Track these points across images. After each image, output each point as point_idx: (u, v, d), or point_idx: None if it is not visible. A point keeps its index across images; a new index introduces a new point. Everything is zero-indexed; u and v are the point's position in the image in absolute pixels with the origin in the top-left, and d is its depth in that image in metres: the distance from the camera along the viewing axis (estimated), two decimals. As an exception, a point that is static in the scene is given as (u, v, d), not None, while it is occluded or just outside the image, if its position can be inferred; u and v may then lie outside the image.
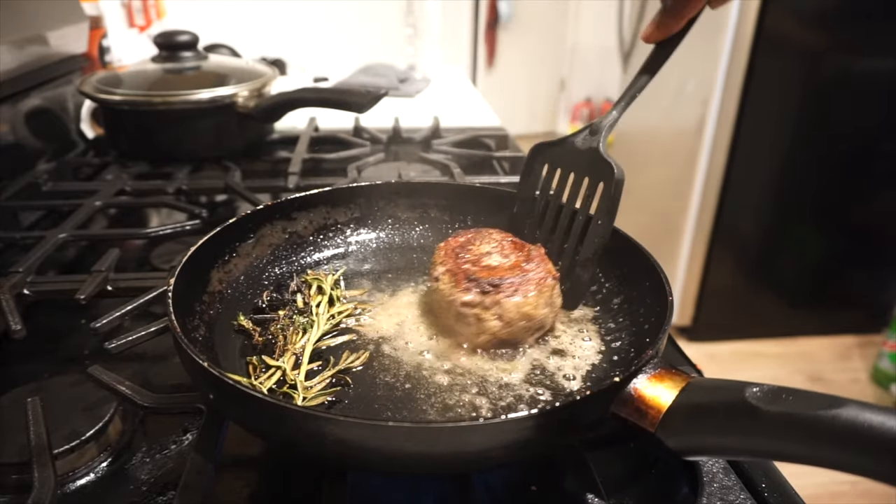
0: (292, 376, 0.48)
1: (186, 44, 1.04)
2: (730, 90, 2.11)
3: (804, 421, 0.30)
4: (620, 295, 0.57)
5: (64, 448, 0.44)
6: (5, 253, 0.74)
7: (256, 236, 0.62)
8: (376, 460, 0.36)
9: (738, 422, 0.33)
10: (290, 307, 0.56)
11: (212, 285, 0.55)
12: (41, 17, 1.00)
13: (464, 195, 0.70)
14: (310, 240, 0.66)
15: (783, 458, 0.32)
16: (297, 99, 0.97)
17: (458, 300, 0.51)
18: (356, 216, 0.69)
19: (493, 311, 0.50)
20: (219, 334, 0.52)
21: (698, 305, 2.43)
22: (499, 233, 0.58)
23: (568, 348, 0.53)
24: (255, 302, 0.58)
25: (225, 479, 0.45)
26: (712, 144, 2.21)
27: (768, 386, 0.33)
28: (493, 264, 0.54)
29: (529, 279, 0.51)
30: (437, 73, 1.73)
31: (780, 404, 0.31)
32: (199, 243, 0.53)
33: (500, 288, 0.50)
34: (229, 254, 0.59)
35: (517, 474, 0.47)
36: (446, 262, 0.55)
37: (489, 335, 0.50)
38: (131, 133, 1.00)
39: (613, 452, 0.48)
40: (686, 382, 0.37)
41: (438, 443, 0.35)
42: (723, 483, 0.42)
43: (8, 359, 0.59)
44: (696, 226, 2.34)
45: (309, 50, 2.44)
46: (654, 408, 0.37)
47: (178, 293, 0.46)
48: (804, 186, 2.25)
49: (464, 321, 0.51)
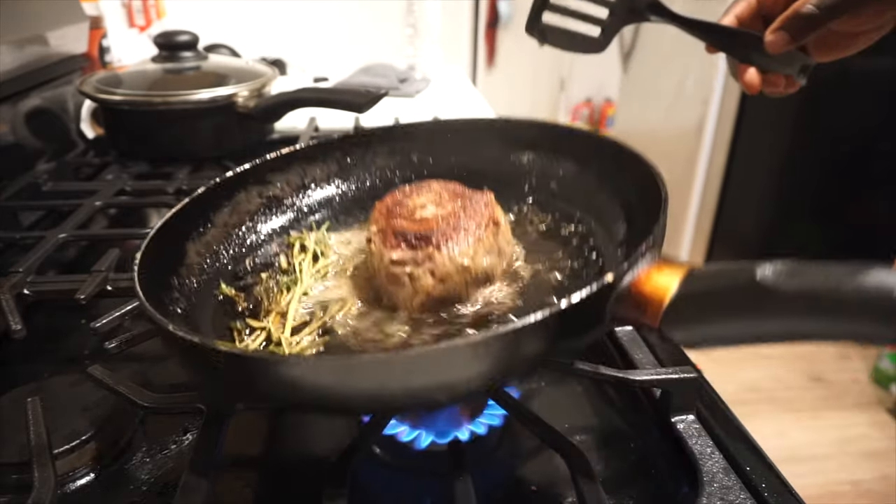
0: (277, 334, 0.47)
1: (186, 44, 1.04)
2: (730, 90, 2.11)
3: (825, 293, 0.28)
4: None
5: (64, 448, 0.44)
6: (5, 253, 0.74)
7: (231, 204, 0.59)
8: (366, 400, 0.34)
9: (751, 303, 0.30)
10: (274, 268, 0.55)
11: (189, 258, 0.53)
12: (41, 17, 1.00)
13: (440, 132, 0.67)
14: (288, 201, 0.64)
15: (803, 337, 0.30)
16: (297, 99, 0.97)
17: (387, 259, 0.46)
18: (334, 170, 0.66)
19: (425, 267, 0.45)
20: (202, 306, 0.50)
21: (698, 305, 2.43)
22: (441, 183, 0.53)
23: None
24: (237, 269, 0.56)
25: (225, 479, 0.45)
26: (712, 144, 2.21)
27: (780, 263, 0.30)
28: (426, 216, 0.48)
29: (463, 226, 0.46)
30: (437, 73, 1.73)
31: (796, 279, 0.29)
32: (166, 216, 0.51)
33: (429, 240, 0.45)
34: (203, 224, 0.56)
35: (517, 474, 0.47)
36: (378, 220, 0.50)
37: (424, 294, 0.45)
38: (131, 133, 1.00)
39: (613, 452, 0.48)
40: (687, 270, 0.35)
41: (444, 367, 0.32)
42: (723, 483, 0.42)
43: (8, 359, 0.59)
44: (696, 225, 2.34)
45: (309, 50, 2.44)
46: (655, 301, 0.34)
47: (147, 267, 0.44)
48: (804, 186, 2.26)
49: (397, 282, 0.46)
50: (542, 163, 0.63)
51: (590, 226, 0.55)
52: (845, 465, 1.83)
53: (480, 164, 0.65)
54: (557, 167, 0.61)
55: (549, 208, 0.60)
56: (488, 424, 0.48)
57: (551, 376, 0.56)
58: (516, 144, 0.64)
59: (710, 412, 0.49)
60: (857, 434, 1.95)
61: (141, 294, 0.40)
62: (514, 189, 0.62)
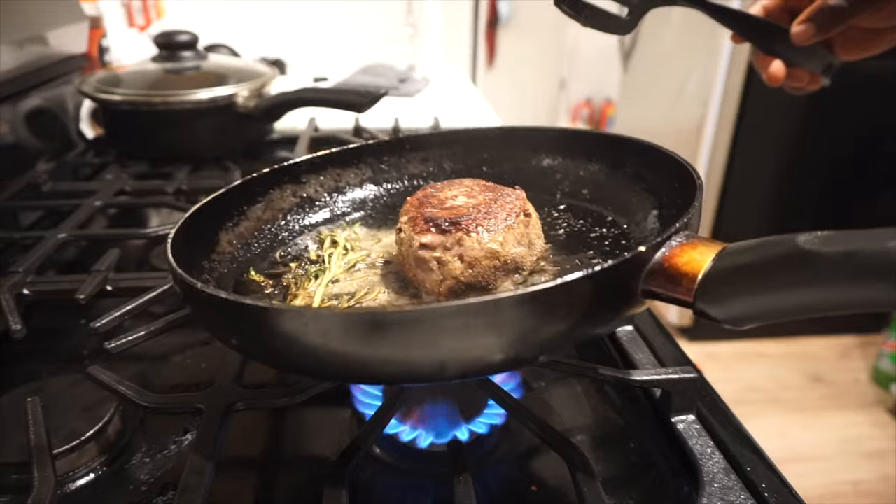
0: None
1: (186, 44, 1.04)
2: (730, 90, 2.11)
3: (871, 255, 0.27)
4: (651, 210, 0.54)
5: (64, 448, 0.44)
6: (5, 253, 0.74)
7: (265, 200, 0.61)
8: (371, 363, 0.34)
9: (790, 273, 0.30)
10: (303, 259, 0.56)
11: (221, 246, 0.55)
12: (41, 17, 1.00)
13: (474, 140, 0.68)
14: (322, 201, 0.65)
15: (846, 307, 0.29)
16: (297, 99, 0.97)
17: (416, 244, 0.46)
18: (368, 175, 0.67)
19: (454, 252, 0.45)
20: (227, 288, 0.51)
21: (698, 305, 2.42)
22: (472, 180, 0.54)
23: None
24: (266, 259, 0.58)
25: (225, 479, 0.45)
26: (712, 145, 2.21)
27: (820, 231, 0.30)
28: (457, 205, 0.48)
29: (495, 213, 0.46)
30: (437, 73, 1.73)
31: (841, 244, 0.28)
32: (202, 202, 0.52)
33: (459, 225, 0.45)
34: (238, 216, 0.58)
35: (517, 474, 0.47)
36: (409, 210, 0.50)
37: (452, 279, 0.45)
38: (131, 133, 1.00)
39: (613, 452, 0.48)
40: (722, 247, 0.34)
41: (474, 320, 0.32)
42: (723, 483, 0.42)
43: (8, 359, 0.59)
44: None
45: (309, 50, 2.44)
46: (688, 274, 0.33)
47: (180, 245, 0.45)
48: (805, 187, 2.25)
49: (425, 267, 0.46)
50: (574, 168, 0.63)
51: (623, 227, 0.55)
52: (846, 465, 1.83)
53: (513, 172, 0.66)
54: (588, 172, 0.62)
55: (580, 212, 0.60)
56: (489, 424, 0.48)
57: (551, 376, 0.56)
58: (549, 151, 0.65)
59: (710, 412, 0.49)
60: (857, 434, 1.95)
61: (173, 261, 0.41)
62: (546, 194, 0.63)
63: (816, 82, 0.66)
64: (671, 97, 2.40)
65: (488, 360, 0.35)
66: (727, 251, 0.34)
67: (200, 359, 0.59)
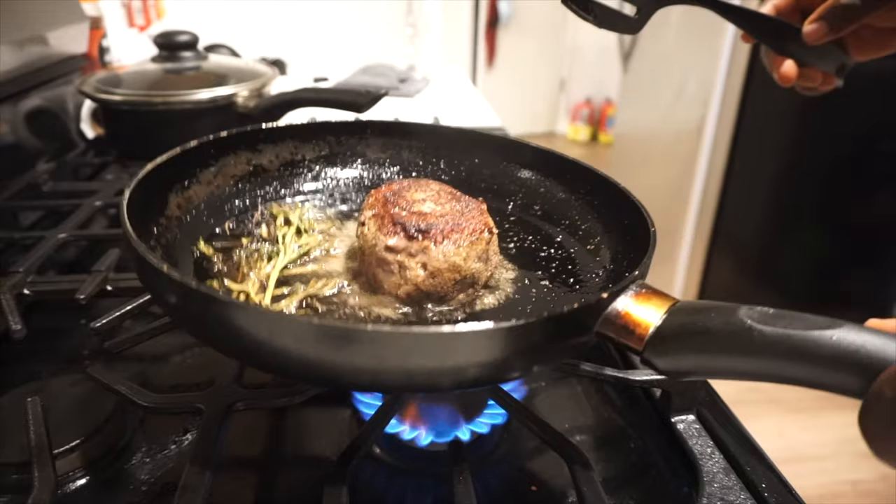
0: (257, 300, 0.46)
1: (186, 44, 1.04)
2: (730, 90, 2.11)
3: (799, 341, 0.30)
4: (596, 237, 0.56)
5: (64, 448, 0.44)
6: (5, 253, 0.74)
7: (218, 165, 0.60)
8: (346, 374, 0.35)
9: (730, 342, 0.32)
10: (254, 236, 0.55)
11: (169, 209, 0.53)
12: (41, 17, 1.00)
13: (437, 136, 0.68)
14: (275, 174, 0.64)
15: (775, 379, 0.32)
16: (297, 99, 0.97)
17: (381, 244, 0.47)
18: (325, 153, 0.67)
19: (418, 259, 0.46)
20: (176, 258, 0.50)
21: (698, 305, 2.43)
22: (437, 183, 0.54)
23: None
24: (215, 229, 0.56)
25: (225, 479, 0.45)
26: (712, 145, 2.21)
27: (762, 308, 0.32)
28: (424, 210, 0.49)
29: (462, 227, 0.47)
30: (437, 73, 1.73)
31: (775, 325, 0.31)
32: (155, 162, 0.51)
33: (428, 234, 0.46)
34: (188, 179, 0.57)
35: (517, 474, 0.47)
36: (374, 206, 0.50)
37: (412, 285, 0.46)
38: (131, 133, 1.00)
39: (613, 452, 0.48)
40: (673, 303, 0.37)
41: (415, 353, 0.33)
42: (723, 483, 0.42)
43: (8, 359, 0.59)
44: (696, 226, 2.34)
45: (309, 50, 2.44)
46: (641, 325, 0.36)
47: (134, 207, 0.44)
48: (804, 186, 2.25)
49: (387, 268, 0.47)
50: (530, 183, 0.64)
51: (570, 252, 0.57)
52: (845, 465, 1.83)
53: (470, 175, 0.67)
54: (545, 189, 0.63)
55: (531, 228, 0.61)
56: (490, 424, 0.48)
57: (551, 376, 0.57)
58: (508, 161, 0.66)
59: (710, 412, 0.49)
60: (857, 434, 1.91)
61: (130, 230, 0.40)
62: (499, 202, 0.64)
63: (830, 83, 0.65)
64: (671, 97, 2.40)
65: (435, 383, 0.36)
66: (677, 308, 0.36)
67: (200, 359, 0.59)
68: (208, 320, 0.36)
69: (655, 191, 2.58)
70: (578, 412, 0.53)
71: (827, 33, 0.57)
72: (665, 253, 2.45)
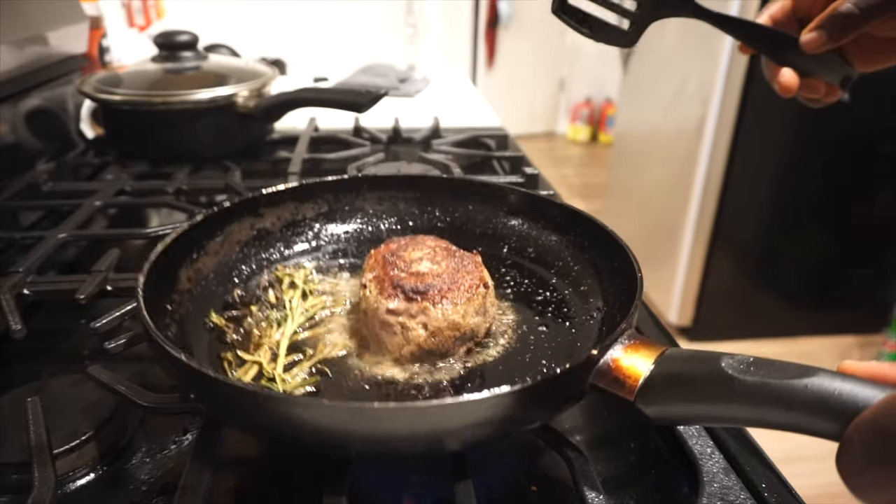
0: (270, 369, 0.48)
1: (186, 44, 1.04)
2: (730, 90, 2.11)
3: (777, 389, 0.32)
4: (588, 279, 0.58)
5: (64, 448, 0.44)
6: (5, 253, 0.74)
7: (224, 233, 0.61)
8: (356, 444, 0.37)
9: (714, 391, 0.35)
10: (262, 302, 0.57)
11: (181, 283, 0.55)
12: (41, 17, 1.00)
13: (431, 187, 0.71)
14: (278, 235, 0.66)
15: (757, 424, 0.34)
16: (297, 99, 0.97)
17: (383, 308, 0.49)
18: (324, 211, 0.69)
19: (418, 320, 0.48)
20: (190, 332, 0.52)
21: (698, 305, 2.43)
22: (434, 239, 0.57)
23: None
24: (224, 298, 0.58)
25: (225, 480, 0.45)
26: (712, 145, 2.21)
27: (742, 356, 0.35)
28: (422, 270, 0.51)
29: (458, 285, 0.50)
30: (437, 73, 1.73)
31: (754, 374, 0.33)
32: (167, 241, 0.53)
33: (426, 295, 0.49)
34: (197, 251, 0.58)
35: (517, 474, 0.47)
36: (374, 268, 0.53)
37: (415, 346, 0.49)
38: (131, 133, 1.00)
39: (613, 452, 0.48)
40: (661, 352, 0.39)
41: (421, 422, 0.35)
42: (723, 483, 0.42)
43: (8, 359, 0.59)
44: (697, 226, 2.34)
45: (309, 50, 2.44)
46: (631, 377, 0.38)
47: (149, 292, 0.46)
48: (804, 186, 2.26)
49: (389, 330, 0.49)
50: (523, 226, 0.67)
51: (564, 294, 0.59)
52: (845, 466, 1.83)
53: (465, 222, 0.69)
54: (537, 232, 0.65)
55: (526, 272, 0.63)
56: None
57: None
58: (501, 207, 0.68)
59: (710, 412, 0.49)
60: (857, 434, 1.95)
61: (150, 322, 0.42)
62: (494, 248, 0.66)
63: (834, 94, 0.64)
64: (671, 97, 2.40)
65: (439, 448, 0.39)
66: (665, 357, 0.38)
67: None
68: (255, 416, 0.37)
69: (655, 191, 2.58)
70: (578, 412, 0.53)
71: (825, 42, 0.56)
72: (665, 253, 2.45)
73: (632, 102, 2.84)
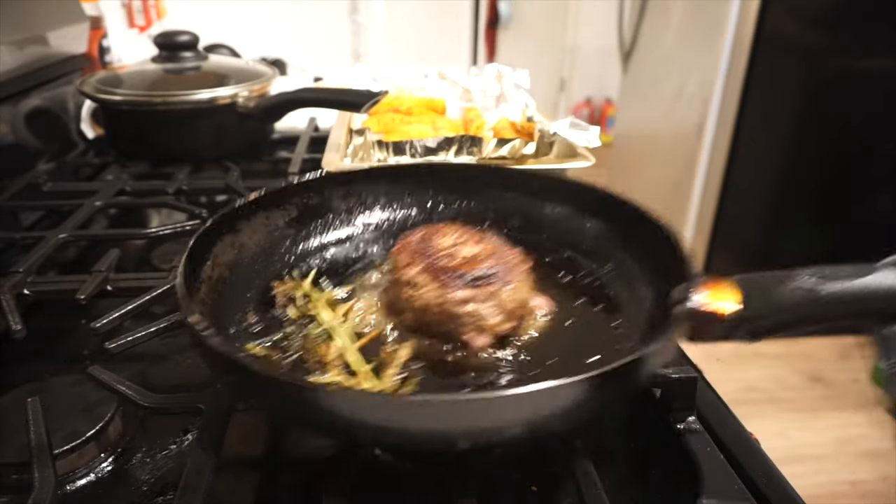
0: (371, 385, 0.44)
1: (186, 44, 1.04)
2: (730, 90, 2.11)
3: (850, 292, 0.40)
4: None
5: (64, 448, 0.44)
6: (5, 253, 0.74)
7: (211, 257, 0.53)
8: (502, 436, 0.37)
9: (800, 305, 0.40)
10: (285, 322, 0.52)
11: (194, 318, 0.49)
12: (41, 17, 1.00)
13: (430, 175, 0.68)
14: (258, 250, 0.59)
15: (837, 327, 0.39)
16: (297, 99, 0.97)
17: (450, 300, 0.46)
18: (294, 216, 0.63)
19: (488, 304, 0.46)
20: None
21: (698, 305, 2.43)
22: (446, 224, 0.54)
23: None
24: (243, 326, 0.52)
25: (225, 479, 0.45)
26: (712, 145, 2.21)
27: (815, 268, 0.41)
28: (468, 256, 0.48)
29: (509, 263, 0.48)
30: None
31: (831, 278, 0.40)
32: (176, 283, 0.45)
33: (489, 279, 0.46)
34: (198, 283, 0.50)
35: (517, 474, 0.47)
36: (415, 261, 0.49)
37: (489, 331, 0.46)
38: (131, 133, 1.00)
39: (613, 452, 0.48)
40: (738, 286, 0.42)
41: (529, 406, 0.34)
42: (723, 483, 0.42)
43: (8, 359, 0.59)
44: (697, 226, 2.34)
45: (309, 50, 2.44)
46: (721, 309, 0.42)
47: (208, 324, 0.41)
48: (804, 186, 2.25)
49: (458, 321, 0.46)
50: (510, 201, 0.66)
51: (604, 279, 0.57)
52: (845, 465, 1.83)
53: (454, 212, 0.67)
54: (521, 204, 0.65)
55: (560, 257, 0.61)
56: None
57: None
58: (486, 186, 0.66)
59: (710, 412, 0.49)
60: (856, 434, 1.95)
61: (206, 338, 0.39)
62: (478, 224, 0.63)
63: None
64: (671, 97, 2.40)
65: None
66: (743, 282, 0.43)
67: (201, 359, 0.59)
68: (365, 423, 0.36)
69: (655, 191, 2.58)
70: (578, 412, 0.52)
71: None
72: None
73: (632, 103, 2.84)
